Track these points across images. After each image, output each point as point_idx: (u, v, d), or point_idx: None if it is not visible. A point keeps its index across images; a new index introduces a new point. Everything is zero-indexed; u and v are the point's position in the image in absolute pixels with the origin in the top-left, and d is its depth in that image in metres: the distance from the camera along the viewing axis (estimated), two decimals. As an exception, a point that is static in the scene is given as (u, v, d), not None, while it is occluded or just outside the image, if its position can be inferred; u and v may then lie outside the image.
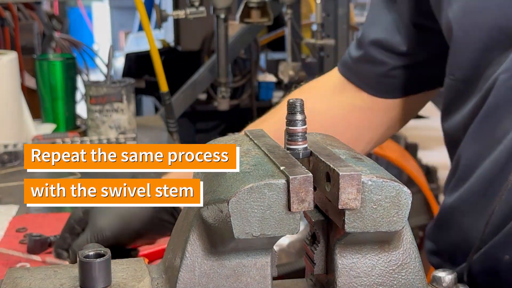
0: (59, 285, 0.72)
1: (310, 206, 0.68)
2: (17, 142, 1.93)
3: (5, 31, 2.71)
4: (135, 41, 6.41)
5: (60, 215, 1.48)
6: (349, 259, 0.75)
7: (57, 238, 1.30)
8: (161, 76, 2.45)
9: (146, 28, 2.48)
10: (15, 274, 0.75)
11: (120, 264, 0.76)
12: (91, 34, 10.13)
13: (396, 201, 0.71)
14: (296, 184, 0.67)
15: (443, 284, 0.77)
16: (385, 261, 0.75)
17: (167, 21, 2.82)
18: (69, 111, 2.19)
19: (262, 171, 0.70)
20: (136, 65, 4.57)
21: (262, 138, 0.80)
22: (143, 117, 3.65)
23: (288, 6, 2.98)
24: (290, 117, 0.78)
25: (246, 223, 0.68)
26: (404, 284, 0.76)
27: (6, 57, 2.00)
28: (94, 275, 0.70)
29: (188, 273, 0.72)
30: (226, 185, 0.69)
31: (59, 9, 5.13)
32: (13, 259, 1.27)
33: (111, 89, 2.04)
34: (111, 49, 2.21)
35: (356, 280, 0.75)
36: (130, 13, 8.14)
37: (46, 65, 2.16)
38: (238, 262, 0.73)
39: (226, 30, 2.92)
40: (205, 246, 0.72)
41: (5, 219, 1.46)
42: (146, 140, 2.16)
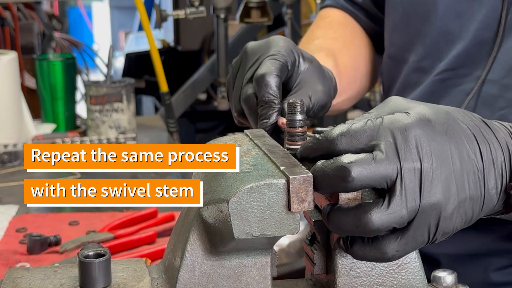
0: (59, 285, 0.72)
1: (310, 206, 0.68)
2: (17, 142, 1.93)
3: (5, 31, 2.71)
4: (135, 41, 6.41)
5: (60, 215, 1.49)
6: (349, 259, 0.75)
7: (57, 238, 1.30)
8: (161, 76, 2.45)
9: (146, 28, 2.48)
10: (15, 274, 0.75)
11: (120, 264, 0.76)
12: (91, 34, 10.12)
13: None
14: (296, 184, 0.67)
15: (443, 284, 0.77)
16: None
17: (167, 21, 2.82)
18: (69, 111, 2.19)
19: (262, 171, 0.70)
20: (136, 65, 4.57)
21: (262, 138, 0.80)
22: (143, 117, 3.65)
23: (288, 6, 2.98)
24: (290, 117, 0.79)
25: (246, 223, 0.68)
26: (404, 284, 0.76)
27: (6, 57, 2.00)
28: (94, 275, 0.70)
29: (188, 273, 0.72)
30: (226, 185, 0.69)
31: (59, 9, 5.13)
32: (13, 259, 1.27)
33: (111, 89, 2.04)
34: (111, 49, 2.21)
35: (356, 280, 0.75)
36: (130, 13, 8.14)
37: (46, 65, 2.15)
38: (238, 262, 0.73)
39: (226, 30, 2.92)
40: (205, 246, 0.72)
41: (5, 219, 1.46)
42: (146, 140, 2.16)
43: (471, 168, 0.71)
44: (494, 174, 0.73)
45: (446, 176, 0.70)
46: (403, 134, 0.69)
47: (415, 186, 0.68)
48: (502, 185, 0.73)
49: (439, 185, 0.69)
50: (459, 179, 0.71)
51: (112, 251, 1.27)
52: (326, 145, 0.72)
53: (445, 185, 0.69)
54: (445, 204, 0.69)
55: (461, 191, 0.70)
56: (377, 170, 0.68)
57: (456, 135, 0.72)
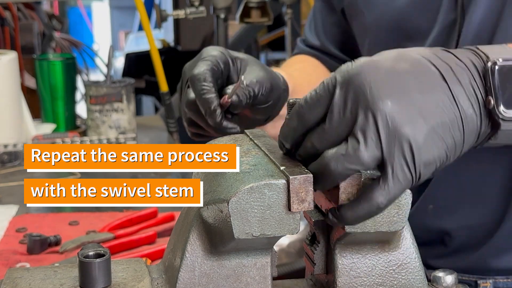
0: (59, 285, 0.72)
1: (310, 206, 0.68)
2: (17, 142, 1.93)
3: (5, 31, 2.71)
4: (135, 41, 6.41)
5: (60, 215, 1.48)
6: (349, 259, 0.75)
7: (57, 238, 1.30)
8: (161, 76, 2.45)
9: (146, 28, 2.48)
10: (15, 274, 0.75)
11: (120, 264, 0.76)
12: (91, 34, 10.12)
13: (396, 201, 0.71)
14: (296, 184, 0.67)
15: (443, 284, 0.77)
16: (385, 261, 0.75)
17: (167, 21, 2.82)
18: (69, 111, 2.19)
19: (262, 171, 0.70)
20: (136, 65, 4.57)
21: (262, 138, 0.80)
22: (143, 117, 3.65)
23: (288, 6, 2.98)
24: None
25: (246, 223, 0.68)
26: (404, 284, 0.76)
27: (6, 57, 2.00)
28: (94, 275, 0.70)
29: (188, 273, 0.72)
30: (226, 185, 0.69)
31: (59, 9, 5.13)
32: (13, 259, 1.27)
33: (111, 89, 2.04)
34: (111, 49, 2.21)
35: (356, 280, 0.75)
36: (130, 13, 8.14)
37: (46, 65, 2.15)
38: (238, 262, 0.73)
39: (226, 30, 2.92)
40: (205, 246, 0.72)
41: (5, 219, 1.46)
42: (146, 140, 2.15)
43: (436, 95, 0.71)
44: (465, 93, 0.72)
45: (407, 109, 0.69)
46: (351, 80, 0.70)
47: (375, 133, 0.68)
48: (479, 102, 0.73)
49: (399, 119, 0.68)
50: (424, 107, 0.70)
51: (112, 251, 1.27)
52: (294, 119, 0.72)
53: (407, 118, 0.69)
54: (413, 134, 0.69)
55: (429, 118, 0.70)
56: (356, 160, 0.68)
57: (411, 67, 0.71)
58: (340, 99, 0.70)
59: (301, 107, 0.72)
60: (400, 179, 0.69)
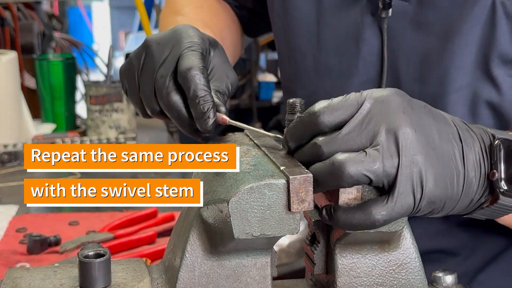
0: (59, 285, 0.72)
1: (310, 206, 0.68)
2: (17, 142, 1.93)
3: (5, 31, 2.71)
4: (135, 41, 6.42)
5: (60, 215, 1.49)
6: (349, 259, 0.75)
7: (57, 238, 1.30)
8: (161, 76, 2.45)
9: (146, 28, 2.48)
10: (15, 274, 0.75)
11: (120, 264, 0.76)
12: (91, 34, 10.13)
13: (396, 201, 0.71)
14: (296, 184, 0.67)
15: (443, 284, 0.77)
16: (385, 261, 0.75)
17: (167, 21, 2.82)
18: (69, 111, 2.19)
19: (262, 171, 0.70)
20: (136, 65, 4.56)
21: (262, 138, 0.80)
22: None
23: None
24: (290, 117, 0.78)
25: (246, 223, 0.68)
26: (404, 284, 0.76)
27: (6, 57, 2.00)
28: (94, 275, 0.70)
29: (188, 273, 0.72)
30: (226, 185, 0.69)
31: (59, 9, 5.12)
32: (13, 259, 1.27)
33: (111, 89, 2.04)
34: (111, 49, 2.21)
35: (356, 280, 0.75)
36: (130, 13, 8.15)
37: (46, 65, 2.16)
38: (238, 262, 0.73)
39: (226, 30, 2.92)
40: (205, 246, 0.72)
41: (5, 219, 1.46)
42: (146, 140, 2.15)
43: (451, 147, 0.73)
44: (473, 160, 0.74)
45: (426, 146, 0.71)
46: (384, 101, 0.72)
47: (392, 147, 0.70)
48: (480, 172, 0.75)
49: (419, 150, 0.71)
50: (439, 151, 0.72)
51: (112, 251, 1.27)
52: (308, 119, 0.73)
53: (425, 152, 0.71)
54: (426, 168, 0.70)
55: (442, 162, 0.72)
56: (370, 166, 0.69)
57: (436, 115, 0.74)
58: (369, 111, 0.71)
59: (324, 110, 0.72)
60: (404, 203, 0.70)
